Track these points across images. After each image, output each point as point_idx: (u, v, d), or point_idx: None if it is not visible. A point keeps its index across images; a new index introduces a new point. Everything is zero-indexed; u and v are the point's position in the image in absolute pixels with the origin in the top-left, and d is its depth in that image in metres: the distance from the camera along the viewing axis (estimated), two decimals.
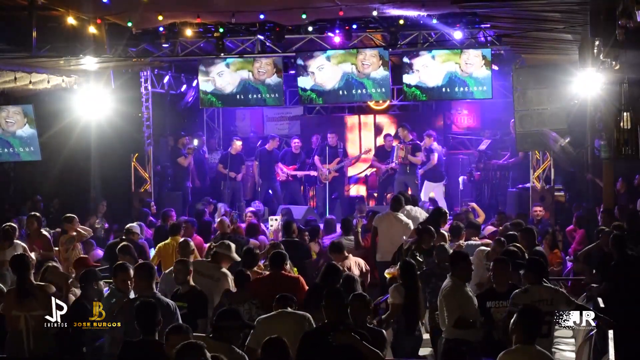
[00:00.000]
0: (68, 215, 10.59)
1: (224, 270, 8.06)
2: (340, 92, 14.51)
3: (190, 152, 15.74)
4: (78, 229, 10.59)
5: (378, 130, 17.84)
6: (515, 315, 5.52)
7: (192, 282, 7.33)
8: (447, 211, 10.79)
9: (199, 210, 13.32)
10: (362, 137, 17.91)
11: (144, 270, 6.74)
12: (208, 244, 9.49)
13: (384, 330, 6.29)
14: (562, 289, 8.08)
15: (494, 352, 5.72)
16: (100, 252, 11.05)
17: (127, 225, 10.68)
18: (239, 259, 8.27)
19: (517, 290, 6.87)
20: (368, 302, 6.17)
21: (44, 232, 10.68)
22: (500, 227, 10.88)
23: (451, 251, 8.34)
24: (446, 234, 9.94)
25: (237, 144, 15.96)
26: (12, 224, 10.06)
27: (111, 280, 7.42)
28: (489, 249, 8.85)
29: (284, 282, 7.51)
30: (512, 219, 11.47)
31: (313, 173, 15.65)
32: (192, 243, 8.99)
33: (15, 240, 9.76)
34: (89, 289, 7.06)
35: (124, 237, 10.41)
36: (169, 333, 5.33)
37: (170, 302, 6.50)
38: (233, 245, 8.36)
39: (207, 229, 11.55)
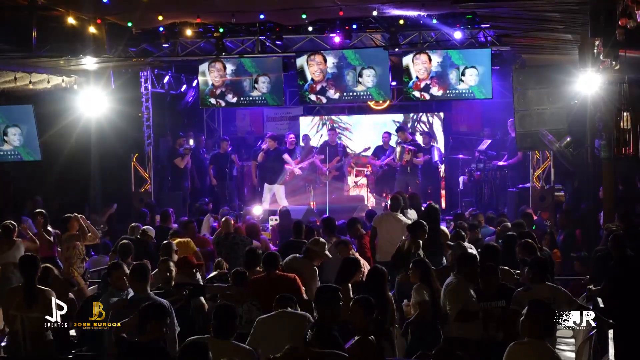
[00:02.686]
0: (68, 215, 10.57)
1: (315, 268, 8.26)
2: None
3: (187, 152, 15.73)
4: (81, 226, 10.48)
5: (378, 129, 17.83)
6: (525, 310, 5.44)
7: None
8: (436, 206, 10.63)
9: (199, 210, 13.33)
10: (362, 136, 17.90)
11: (137, 271, 6.78)
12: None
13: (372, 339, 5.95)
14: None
15: (492, 351, 5.72)
16: (107, 258, 10.97)
17: (143, 227, 10.68)
18: (330, 256, 8.45)
19: (519, 289, 6.88)
20: (369, 305, 5.88)
21: (50, 230, 10.64)
22: (498, 228, 10.87)
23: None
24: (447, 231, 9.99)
25: (224, 144, 16.02)
26: (12, 222, 9.98)
27: None
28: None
29: (281, 281, 7.47)
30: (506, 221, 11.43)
31: (318, 158, 15.63)
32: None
33: (16, 239, 9.72)
34: (105, 289, 7.08)
35: (138, 236, 10.39)
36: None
37: (165, 302, 6.51)
38: (324, 243, 8.49)
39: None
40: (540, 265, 7.06)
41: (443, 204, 16.16)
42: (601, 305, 7.88)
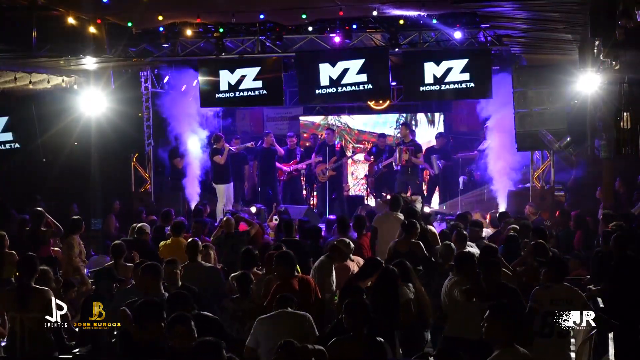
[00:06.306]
0: (79, 217, 10.58)
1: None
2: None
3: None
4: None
5: (378, 129, 17.87)
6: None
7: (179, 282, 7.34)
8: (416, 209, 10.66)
9: (198, 210, 13.33)
10: (362, 136, 17.94)
11: (152, 270, 6.75)
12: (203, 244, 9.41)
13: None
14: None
15: (492, 351, 5.70)
16: (107, 258, 10.96)
17: (139, 225, 10.61)
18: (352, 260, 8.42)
19: (537, 287, 6.86)
20: (356, 306, 5.82)
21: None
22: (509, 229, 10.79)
23: None
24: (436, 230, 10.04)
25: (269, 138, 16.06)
26: None
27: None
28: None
29: (299, 284, 7.37)
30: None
31: (316, 160, 15.65)
32: (200, 244, 8.88)
33: None
34: (101, 288, 7.08)
35: (135, 236, 10.37)
36: (173, 322, 5.26)
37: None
38: (349, 243, 8.45)
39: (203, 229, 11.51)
40: (561, 265, 7.04)
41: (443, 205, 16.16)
42: (601, 305, 7.89)
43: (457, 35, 13.52)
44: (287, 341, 5.25)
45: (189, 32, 13.86)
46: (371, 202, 16.45)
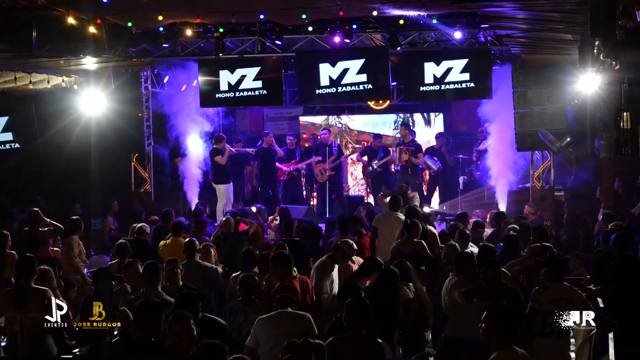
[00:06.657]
0: (78, 217, 10.60)
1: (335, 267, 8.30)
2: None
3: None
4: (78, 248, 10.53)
5: (378, 129, 17.87)
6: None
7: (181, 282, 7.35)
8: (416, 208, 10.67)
9: (198, 210, 13.34)
10: (362, 136, 17.93)
11: (150, 270, 6.77)
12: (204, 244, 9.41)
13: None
14: None
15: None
16: (107, 258, 10.96)
17: (139, 225, 10.61)
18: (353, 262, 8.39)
19: (538, 287, 6.85)
20: (354, 306, 5.82)
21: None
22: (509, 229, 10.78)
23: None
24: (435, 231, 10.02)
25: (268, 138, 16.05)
26: None
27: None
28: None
29: (300, 285, 7.41)
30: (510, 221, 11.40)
31: (316, 159, 15.65)
32: (197, 243, 8.90)
33: None
34: (100, 287, 7.08)
35: (135, 236, 10.38)
36: (171, 320, 5.26)
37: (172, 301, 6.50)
38: (353, 244, 8.43)
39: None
40: (560, 264, 7.04)
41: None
42: (601, 305, 7.89)
43: (457, 35, 13.51)
44: (292, 342, 5.27)
45: (189, 32, 13.86)
46: (371, 201, 16.43)
